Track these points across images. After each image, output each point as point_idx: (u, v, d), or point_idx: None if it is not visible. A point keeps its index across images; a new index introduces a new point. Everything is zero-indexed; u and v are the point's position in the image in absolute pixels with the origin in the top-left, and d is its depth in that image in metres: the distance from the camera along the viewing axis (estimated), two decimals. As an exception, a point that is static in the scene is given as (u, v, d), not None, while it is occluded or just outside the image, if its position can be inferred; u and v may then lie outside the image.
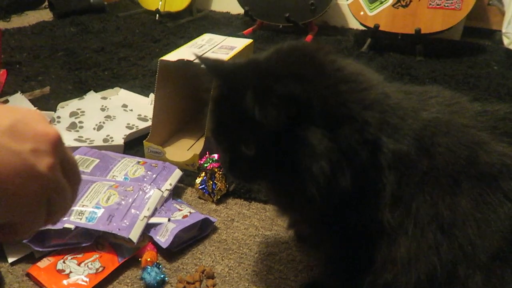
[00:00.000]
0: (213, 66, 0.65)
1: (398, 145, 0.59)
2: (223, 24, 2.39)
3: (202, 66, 0.65)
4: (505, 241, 0.56)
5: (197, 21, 2.42)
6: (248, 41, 1.25)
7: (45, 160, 0.33)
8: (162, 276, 0.79)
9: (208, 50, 1.15)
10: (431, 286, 0.59)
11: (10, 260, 0.82)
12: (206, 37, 1.26)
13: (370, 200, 0.60)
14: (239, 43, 1.21)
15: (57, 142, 0.34)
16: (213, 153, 1.04)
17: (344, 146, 0.56)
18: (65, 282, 0.76)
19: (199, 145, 1.16)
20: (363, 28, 2.07)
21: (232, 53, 1.14)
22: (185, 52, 1.12)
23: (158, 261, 0.82)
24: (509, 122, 0.62)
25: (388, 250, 0.60)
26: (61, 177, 0.35)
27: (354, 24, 2.31)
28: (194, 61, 1.07)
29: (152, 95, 1.41)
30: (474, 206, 0.57)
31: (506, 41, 1.92)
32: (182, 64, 1.08)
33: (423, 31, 1.85)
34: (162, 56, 1.10)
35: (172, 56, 1.09)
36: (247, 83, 0.57)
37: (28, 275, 0.79)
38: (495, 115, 0.63)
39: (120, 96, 1.43)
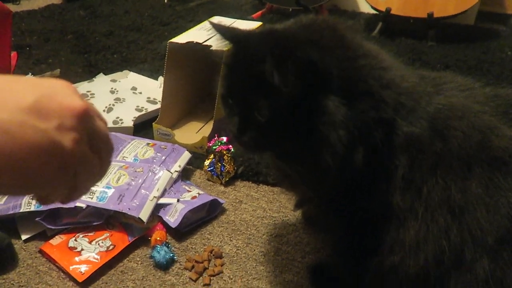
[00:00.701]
0: (228, 31, 0.64)
1: (412, 127, 0.59)
2: (232, 8, 2.37)
3: (216, 35, 0.65)
4: None
5: (206, 5, 2.40)
6: (257, 24, 1.24)
7: (70, 135, 0.32)
8: (171, 255, 0.80)
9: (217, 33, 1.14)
10: (438, 269, 0.59)
11: (24, 237, 0.84)
12: (215, 20, 1.25)
13: (381, 182, 0.60)
14: (249, 25, 1.20)
15: (84, 116, 0.33)
16: (222, 136, 1.04)
17: (360, 121, 0.55)
18: (77, 259, 0.78)
19: (208, 128, 1.16)
20: (374, 12, 2.03)
21: (241, 36, 1.13)
22: (194, 35, 1.12)
23: (167, 241, 0.83)
24: None
25: (397, 232, 0.60)
26: (87, 150, 0.34)
27: (365, 8, 2.27)
28: (203, 43, 1.07)
29: (161, 78, 1.41)
30: (485, 191, 0.57)
31: (521, 26, 1.88)
32: (191, 46, 1.07)
33: (436, 15, 1.82)
34: (171, 39, 1.09)
35: (181, 39, 1.09)
36: (265, 48, 0.56)
37: (41, 252, 0.81)
38: (507, 100, 0.63)
39: (130, 79, 1.43)
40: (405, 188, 0.59)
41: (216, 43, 1.07)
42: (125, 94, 1.31)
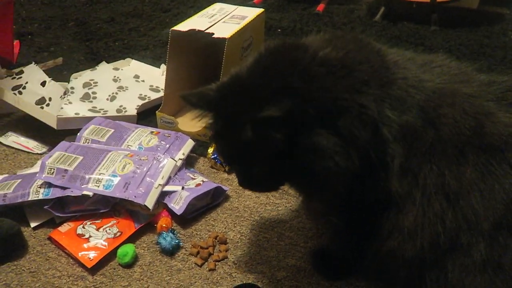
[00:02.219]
0: (199, 100, 0.65)
1: (404, 116, 0.59)
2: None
3: (219, 23, 0.67)
4: (509, 210, 0.57)
5: (207, -10, 2.37)
6: (259, 10, 1.23)
7: None
8: (177, 241, 0.82)
9: (219, 20, 1.14)
10: (434, 254, 0.60)
11: (33, 225, 0.86)
12: (217, 6, 1.25)
13: (379, 172, 0.61)
14: (251, 13, 1.20)
15: None
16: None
17: (347, 134, 0.57)
18: (85, 245, 0.80)
19: (210, 116, 1.17)
20: (377, -4, 2.01)
21: (243, 23, 1.13)
22: (197, 22, 1.12)
23: (172, 227, 0.85)
24: None
25: (396, 218, 0.61)
26: None
27: (367, -8, 2.24)
28: (206, 30, 1.07)
29: (163, 66, 1.42)
30: (479, 176, 0.57)
31: (525, 10, 1.86)
32: (193, 34, 1.07)
33: (439, -1, 1.80)
34: (172, 26, 1.10)
35: (184, 26, 1.09)
36: (240, 113, 0.58)
37: (50, 239, 0.83)
38: (503, 86, 0.63)
39: (132, 67, 1.43)
40: (403, 175, 0.60)
41: (217, 32, 1.07)
42: (128, 82, 1.32)
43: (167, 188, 0.90)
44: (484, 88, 0.62)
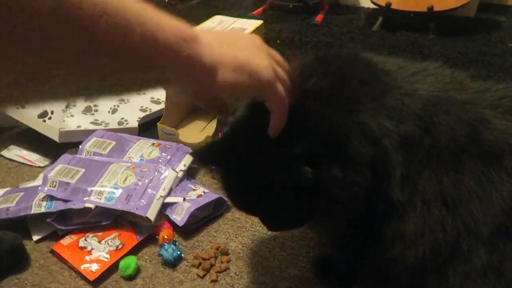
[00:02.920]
0: (211, 157, 0.65)
1: (402, 126, 0.59)
2: (232, 5, 2.38)
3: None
4: (507, 217, 0.57)
5: (206, 2, 2.41)
6: (258, 22, 1.25)
7: (264, 49, 0.47)
8: (178, 252, 0.82)
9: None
10: (435, 260, 0.60)
11: (35, 238, 0.86)
12: (217, 19, 1.27)
13: (382, 182, 0.61)
14: (250, 25, 1.22)
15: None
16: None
17: (356, 155, 0.58)
18: (87, 258, 0.80)
19: (211, 127, 1.18)
20: (375, 6, 2.03)
21: (242, 35, 1.15)
22: (196, 35, 1.13)
23: (174, 239, 0.85)
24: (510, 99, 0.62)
25: (397, 226, 0.62)
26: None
27: (365, 2, 2.27)
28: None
29: (164, 78, 1.43)
30: (477, 184, 0.57)
31: (522, 17, 1.88)
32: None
33: (436, 8, 1.82)
34: (173, 39, 1.11)
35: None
36: (259, 157, 0.58)
37: (52, 252, 0.84)
38: (498, 93, 0.63)
39: (133, 79, 1.44)
40: (403, 183, 0.60)
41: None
42: (129, 95, 1.33)
43: (168, 199, 0.90)
44: (478, 95, 0.63)
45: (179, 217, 0.87)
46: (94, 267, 0.79)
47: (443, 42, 1.82)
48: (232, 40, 0.45)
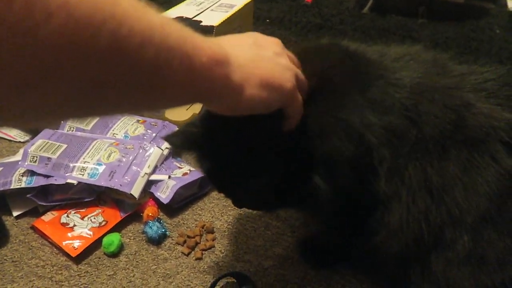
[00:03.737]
0: (184, 142, 0.65)
1: (386, 117, 0.58)
2: (221, -18, 2.32)
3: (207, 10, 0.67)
4: (491, 203, 0.57)
5: (195, -21, 2.34)
6: (245, 1, 1.22)
7: (284, 57, 0.51)
8: (163, 230, 0.81)
9: (207, 8, 1.13)
10: (418, 248, 0.60)
11: (15, 213, 0.84)
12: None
13: (367, 176, 0.60)
14: (239, 2, 1.19)
15: (282, 45, 0.53)
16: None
17: (337, 154, 0.56)
18: (69, 234, 0.79)
19: (198, 105, 1.16)
20: (366, -12, 2.01)
21: (231, 11, 1.12)
22: (184, 10, 1.10)
23: (159, 216, 0.84)
24: (497, 84, 0.61)
25: (382, 216, 0.61)
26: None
27: (356, -16, 2.24)
28: (193, 18, 1.05)
29: (150, 55, 1.39)
30: (462, 171, 0.57)
31: (510, 4, 1.89)
32: (182, 21, 1.06)
33: (427, -8, 1.81)
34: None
35: (171, 14, 1.07)
36: (239, 142, 0.56)
37: (33, 228, 0.82)
38: (482, 76, 0.62)
39: (118, 55, 1.41)
40: (390, 177, 0.60)
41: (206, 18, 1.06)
42: (114, 70, 1.30)
43: (153, 177, 0.89)
44: (462, 78, 0.62)
45: (164, 194, 0.85)
46: (77, 243, 0.77)
47: (432, 26, 1.82)
48: (256, 53, 0.47)
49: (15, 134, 1.07)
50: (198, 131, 0.62)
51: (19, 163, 0.85)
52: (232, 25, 1.13)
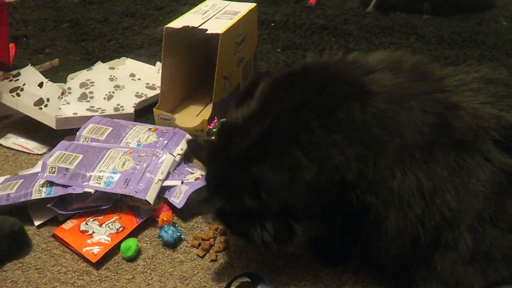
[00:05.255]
0: (194, 150, 0.77)
1: (360, 134, 0.59)
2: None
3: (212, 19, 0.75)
4: (488, 201, 0.57)
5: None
6: (251, 5, 1.25)
7: None
8: (178, 234, 0.84)
9: (212, 16, 1.16)
10: (416, 251, 0.62)
11: (37, 223, 0.88)
12: (210, 2, 1.26)
13: (350, 193, 0.62)
14: (243, 8, 1.22)
15: None
16: (222, 118, 1.07)
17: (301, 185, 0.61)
18: (89, 241, 0.82)
19: (207, 111, 1.18)
20: (369, -13, 2.02)
21: (236, 18, 1.15)
22: (190, 19, 1.13)
23: (174, 221, 0.87)
24: (481, 82, 0.62)
25: (376, 223, 0.63)
26: None
27: (359, -17, 2.25)
28: (199, 27, 1.08)
29: (158, 64, 1.43)
30: (451, 173, 0.58)
31: (515, -5, 1.88)
32: (187, 30, 1.09)
33: (430, -12, 1.81)
34: (166, 24, 1.11)
35: (177, 23, 1.10)
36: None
37: (54, 236, 0.85)
38: (467, 77, 0.63)
39: (128, 65, 1.44)
40: (375, 189, 0.61)
41: (212, 27, 1.08)
42: (124, 81, 1.33)
43: (166, 183, 0.91)
44: (443, 82, 0.62)
45: (178, 199, 0.88)
46: (96, 249, 0.80)
47: (437, 22, 1.82)
48: None
49: (33, 147, 1.11)
50: (208, 150, 0.72)
51: (39, 174, 0.89)
52: (237, 31, 1.16)
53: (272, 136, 0.61)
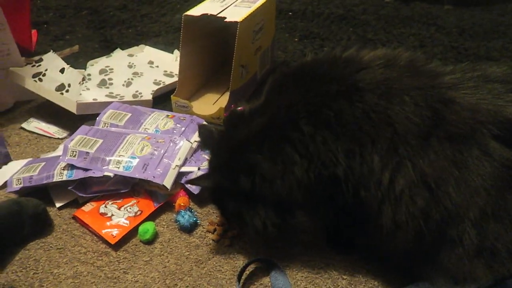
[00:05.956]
0: (205, 139, 0.79)
1: (346, 137, 0.61)
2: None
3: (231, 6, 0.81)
4: (490, 196, 0.57)
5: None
6: (269, -6, 1.24)
7: None
8: (194, 219, 0.86)
9: (231, 4, 1.16)
10: (421, 247, 0.62)
11: (58, 205, 0.90)
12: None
13: (345, 187, 0.64)
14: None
15: None
16: (238, 106, 1.08)
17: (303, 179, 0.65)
18: (108, 223, 0.84)
19: (224, 99, 1.19)
20: (389, -24, 1.99)
21: (254, 6, 1.14)
22: (209, 7, 1.13)
23: (190, 206, 0.89)
24: (479, 80, 0.62)
25: (373, 218, 0.63)
26: None
27: (379, -28, 2.21)
28: (218, 15, 1.09)
29: (176, 52, 1.44)
30: (451, 164, 0.57)
31: (541, -14, 1.82)
32: (206, 18, 1.09)
33: (452, -23, 1.77)
34: (183, 11, 1.11)
35: (196, 11, 1.11)
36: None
37: (75, 218, 0.88)
38: (463, 76, 0.63)
39: (146, 53, 1.46)
40: (366, 181, 0.62)
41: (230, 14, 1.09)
42: (143, 68, 1.35)
43: (184, 169, 0.93)
44: (438, 78, 0.62)
45: (194, 185, 0.90)
46: (115, 231, 0.83)
47: (458, 13, 1.78)
48: None
49: (54, 131, 1.13)
50: (215, 141, 0.76)
51: (60, 157, 0.91)
52: (255, 20, 1.16)
53: (269, 131, 0.66)
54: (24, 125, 1.16)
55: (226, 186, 0.70)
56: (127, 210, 0.87)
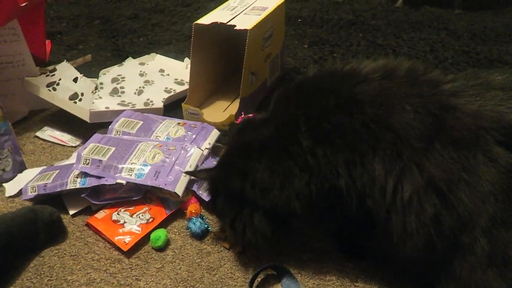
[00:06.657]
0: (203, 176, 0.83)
1: (344, 147, 0.62)
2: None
3: (240, 14, 0.83)
4: (499, 203, 0.56)
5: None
6: (279, 1, 1.25)
7: None
8: (206, 226, 0.86)
9: (241, 12, 1.17)
10: (432, 255, 0.61)
11: (71, 212, 0.92)
12: (236, 1, 1.27)
13: (349, 198, 0.64)
14: (271, 4, 1.22)
15: None
16: (248, 113, 1.08)
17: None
18: (120, 230, 0.85)
19: (234, 106, 1.20)
20: (398, -19, 1.99)
21: (264, 14, 1.15)
22: (218, 15, 1.15)
23: (201, 213, 0.89)
24: (481, 88, 0.61)
25: (386, 225, 0.63)
26: None
27: (388, -23, 2.21)
28: (228, 23, 1.10)
29: (187, 60, 1.45)
30: (459, 167, 0.56)
31: (554, -12, 1.80)
32: (216, 27, 1.10)
33: (463, -19, 1.77)
34: (194, 20, 1.13)
35: (206, 20, 1.12)
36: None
37: (88, 225, 0.89)
38: (465, 84, 0.63)
39: (157, 61, 1.48)
40: (370, 190, 0.62)
41: (240, 23, 1.10)
42: (154, 77, 1.36)
43: (195, 176, 0.93)
44: (438, 86, 0.62)
45: (205, 192, 0.90)
46: (127, 238, 0.83)
47: (469, 17, 1.77)
48: None
49: (67, 139, 1.15)
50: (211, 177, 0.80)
51: (74, 165, 0.93)
52: (265, 27, 1.17)
53: (271, 143, 0.69)
54: (38, 133, 1.18)
55: (220, 183, 0.75)
56: (139, 217, 0.88)
